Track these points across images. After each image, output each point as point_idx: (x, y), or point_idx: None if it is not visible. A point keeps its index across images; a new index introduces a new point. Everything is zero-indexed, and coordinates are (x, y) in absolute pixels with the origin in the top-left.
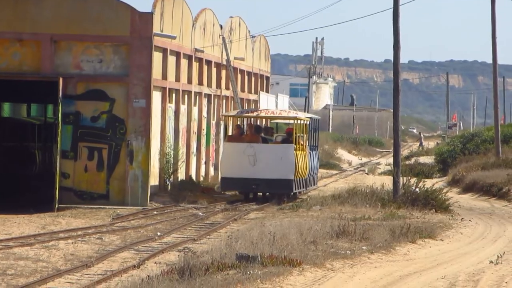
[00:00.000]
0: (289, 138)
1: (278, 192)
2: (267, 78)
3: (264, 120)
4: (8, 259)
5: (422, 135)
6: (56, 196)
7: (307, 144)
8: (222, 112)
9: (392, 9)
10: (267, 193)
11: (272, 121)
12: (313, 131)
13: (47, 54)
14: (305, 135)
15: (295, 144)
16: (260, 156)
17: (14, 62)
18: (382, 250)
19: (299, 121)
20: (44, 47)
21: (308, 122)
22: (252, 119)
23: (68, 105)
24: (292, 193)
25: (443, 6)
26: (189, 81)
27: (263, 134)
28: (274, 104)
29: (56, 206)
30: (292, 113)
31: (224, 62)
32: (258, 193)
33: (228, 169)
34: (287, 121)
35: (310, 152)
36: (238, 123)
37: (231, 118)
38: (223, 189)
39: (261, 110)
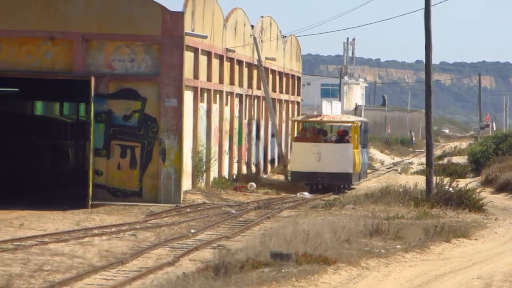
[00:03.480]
0: (344, 138)
1: (339, 183)
2: (299, 78)
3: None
4: (44, 255)
5: (413, 134)
6: (89, 193)
7: (361, 142)
8: (254, 111)
9: (424, 10)
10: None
11: (327, 124)
12: (363, 132)
13: (79, 53)
14: (357, 135)
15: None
16: (324, 153)
17: (46, 61)
18: (417, 249)
19: (354, 124)
20: (76, 46)
21: (361, 124)
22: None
23: (100, 104)
24: (351, 185)
25: (475, 6)
26: (221, 80)
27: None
28: (329, 109)
29: (90, 203)
30: (349, 118)
31: (256, 62)
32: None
33: (297, 165)
34: (344, 124)
35: (362, 150)
36: (303, 126)
37: (298, 122)
38: (293, 181)
39: (323, 116)
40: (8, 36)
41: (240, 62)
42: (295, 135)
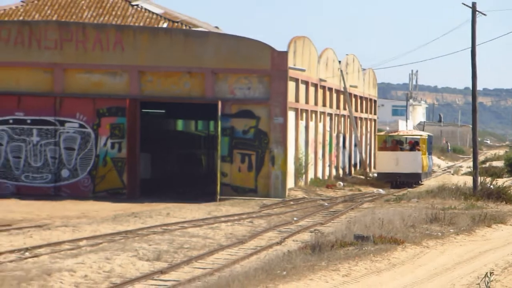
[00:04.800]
0: (414, 147)
1: (411, 181)
2: (375, 101)
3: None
4: (184, 236)
5: (449, 144)
6: (217, 190)
7: (427, 150)
8: (341, 126)
9: (470, 49)
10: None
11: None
12: (429, 143)
13: (209, 83)
14: (425, 145)
15: (420, 151)
16: (400, 159)
17: (185, 89)
18: (465, 232)
19: (422, 137)
20: (207, 78)
21: (428, 137)
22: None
23: (225, 121)
24: (420, 182)
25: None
26: (316, 103)
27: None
28: (404, 126)
29: (218, 197)
30: (419, 132)
31: (342, 89)
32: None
33: (381, 168)
34: (415, 137)
35: (428, 156)
36: (385, 139)
37: (382, 136)
38: (378, 180)
39: (400, 131)
40: (158, 71)
41: (330, 89)
42: (379, 145)
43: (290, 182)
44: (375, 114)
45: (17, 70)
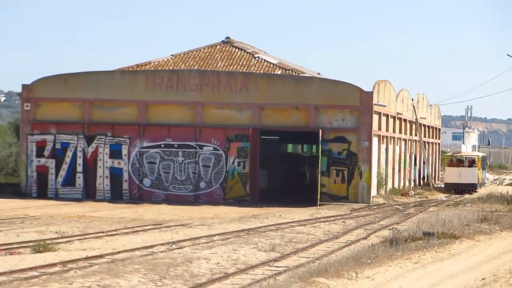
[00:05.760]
0: (472, 164)
1: (470, 189)
2: (439, 129)
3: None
4: (292, 233)
5: (487, 161)
6: (318, 197)
7: (481, 166)
8: (413, 148)
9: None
10: (465, 190)
11: (464, 156)
12: (483, 161)
13: (312, 116)
14: (480, 163)
15: (477, 167)
16: (462, 173)
17: (293, 121)
18: (508, 229)
19: (478, 156)
20: (310, 112)
21: (482, 156)
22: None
23: (324, 145)
24: (476, 190)
25: None
26: (394, 131)
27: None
28: (465, 149)
29: (318, 203)
30: (476, 153)
31: (414, 120)
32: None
33: (448, 179)
34: (473, 156)
35: (482, 171)
36: (451, 158)
37: (449, 156)
38: (446, 188)
39: (462, 152)
40: (273, 107)
41: (405, 120)
42: (447, 163)
43: (373, 191)
44: (439, 139)
45: (168, 107)
